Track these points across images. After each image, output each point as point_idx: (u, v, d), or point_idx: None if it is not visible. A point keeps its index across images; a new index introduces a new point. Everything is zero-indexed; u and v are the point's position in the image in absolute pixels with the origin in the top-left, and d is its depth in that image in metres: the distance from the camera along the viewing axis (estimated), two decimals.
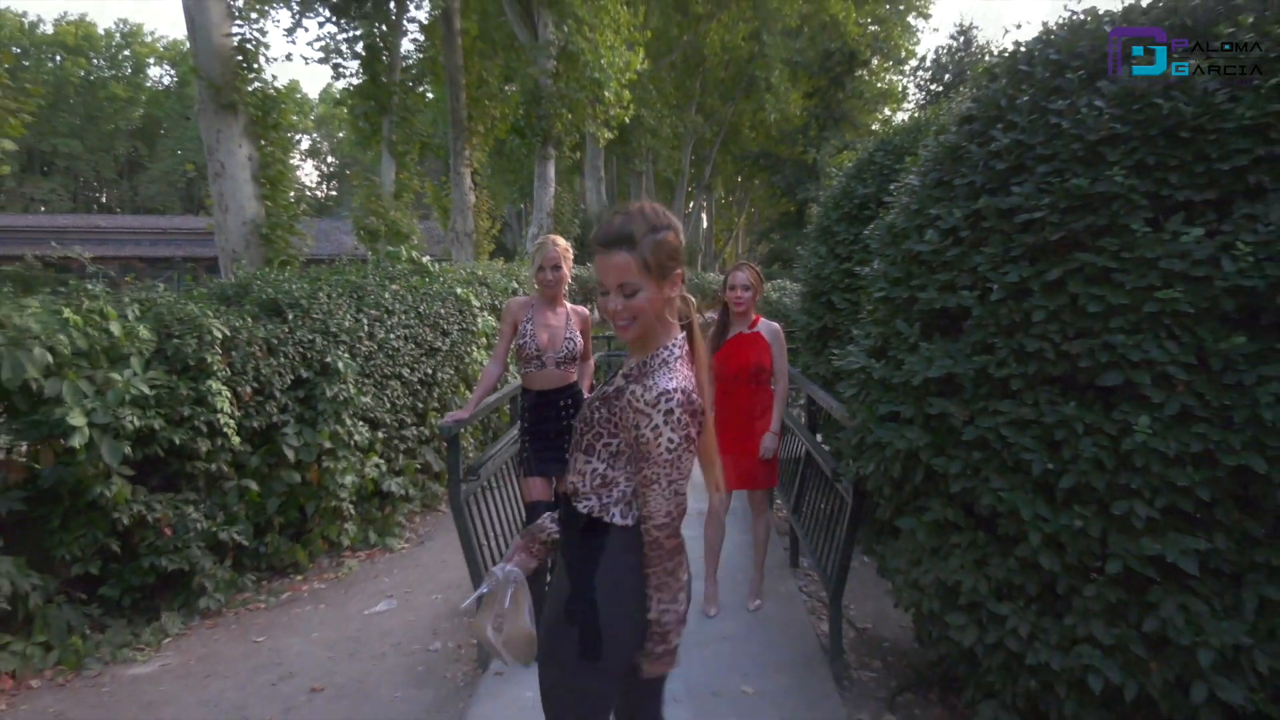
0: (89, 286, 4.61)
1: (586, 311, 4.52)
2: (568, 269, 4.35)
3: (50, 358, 4.05)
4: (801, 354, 6.86)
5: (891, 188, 3.97)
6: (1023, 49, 3.28)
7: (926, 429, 3.14)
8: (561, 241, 4.33)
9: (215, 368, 4.90)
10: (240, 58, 10.68)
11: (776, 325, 4.83)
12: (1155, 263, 2.55)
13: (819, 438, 5.26)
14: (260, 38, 10.95)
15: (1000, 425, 2.84)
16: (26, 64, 49.25)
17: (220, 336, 4.94)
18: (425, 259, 8.30)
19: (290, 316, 5.67)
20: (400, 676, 4.15)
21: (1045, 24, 3.28)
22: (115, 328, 4.41)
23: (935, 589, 3.21)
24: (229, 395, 4.98)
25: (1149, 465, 2.53)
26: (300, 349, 5.64)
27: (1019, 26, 17.85)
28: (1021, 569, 2.91)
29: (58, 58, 53.55)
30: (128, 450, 4.35)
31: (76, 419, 4.06)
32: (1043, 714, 3.06)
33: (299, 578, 5.66)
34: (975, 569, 3.02)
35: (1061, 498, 2.73)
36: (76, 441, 4.06)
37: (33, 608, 4.18)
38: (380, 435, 6.54)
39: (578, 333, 4.42)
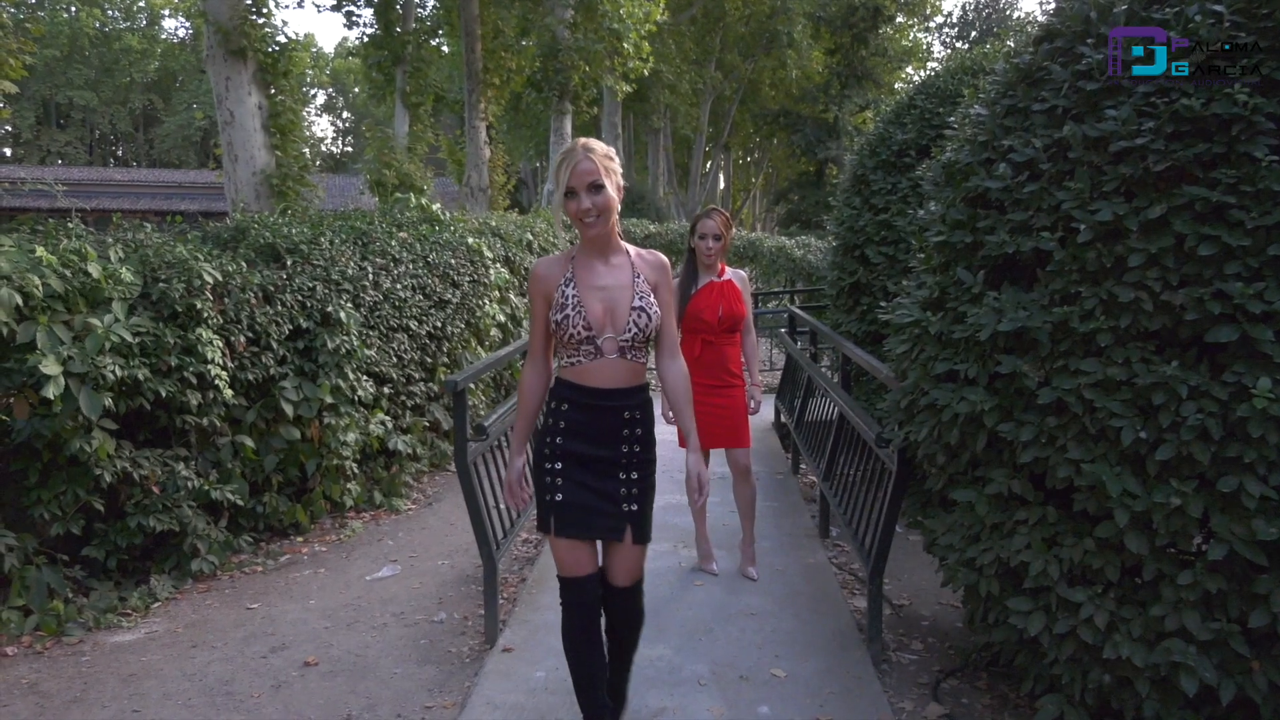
0: (68, 225, 4.27)
1: (664, 259, 2.81)
2: (615, 187, 2.61)
3: (20, 299, 3.72)
4: (832, 311, 6.47)
5: (950, 120, 3.55)
6: None
7: (992, 390, 2.77)
8: (599, 147, 2.60)
9: (206, 315, 4.55)
10: (249, 1, 10.26)
11: (743, 272, 4.69)
12: None
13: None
14: None
15: (1083, 387, 2.46)
16: (42, 14, 48.70)
17: (211, 281, 4.60)
18: (436, 207, 7.92)
19: (289, 263, 5.31)
20: (401, 649, 3.86)
21: None
22: (94, 269, 4.07)
23: (995, 569, 2.86)
24: (221, 345, 4.64)
25: (1267, 436, 2.16)
26: (300, 297, 5.29)
27: None
28: (1100, 551, 2.56)
29: (73, 9, 52.96)
30: (109, 402, 4.03)
31: (51, 367, 3.74)
32: (1115, 712, 2.73)
33: (299, 539, 5.37)
34: (1044, 549, 2.67)
35: (1155, 471, 2.37)
36: (51, 391, 3.74)
37: (9, 570, 3.89)
38: (386, 391, 6.22)
39: (652, 295, 2.69)
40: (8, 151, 54.51)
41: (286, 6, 50.81)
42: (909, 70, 34.95)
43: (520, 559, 5.01)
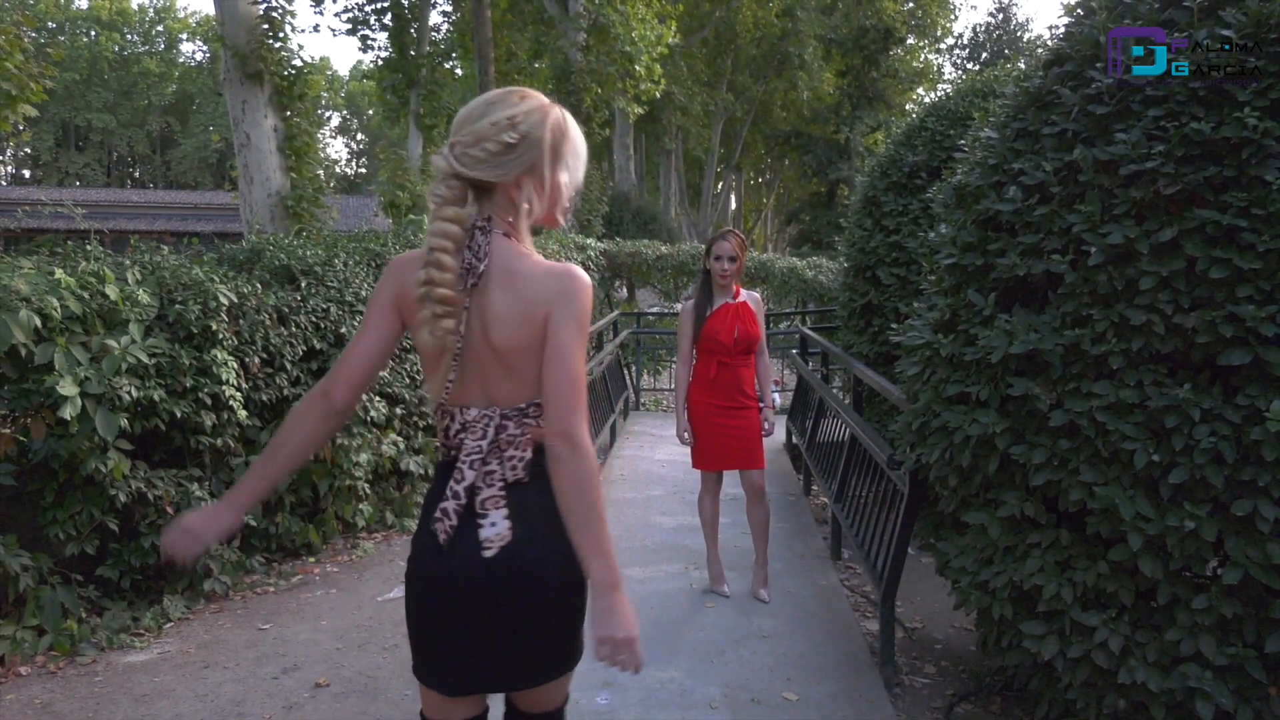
0: (87, 247, 4.32)
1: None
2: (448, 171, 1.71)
3: (39, 321, 3.76)
4: (843, 332, 6.47)
5: (961, 142, 3.57)
6: None
7: (1003, 413, 2.76)
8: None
9: (221, 336, 4.60)
10: (266, 26, 10.42)
11: (756, 294, 4.71)
12: None
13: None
14: (287, 5, 10.67)
15: (1095, 409, 2.46)
16: (63, 38, 49.44)
17: (227, 303, 4.64)
18: None
19: (304, 284, 5.36)
20: (411, 671, 3.84)
21: None
22: (112, 291, 4.12)
23: (1009, 592, 2.85)
24: (236, 366, 4.68)
25: None
26: (314, 318, 5.33)
27: None
28: (1114, 574, 2.54)
29: (93, 33, 53.76)
30: (125, 423, 4.06)
31: (68, 388, 3.77)
32: None
33: (311, 560, 5.38)
34: (1058, 572, 2.66)
35: (1169, 494, 2.36)
36: (68, 412, 3.77)
37: (24, 589, 3.90)
38: (399, 411, 6.24)
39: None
40: (27, 173, 55.24)
41: (302, 30, 51.57)
42: (920, 91, 35.10)
43: None
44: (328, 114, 62.56)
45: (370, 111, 55.84)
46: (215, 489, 4.74)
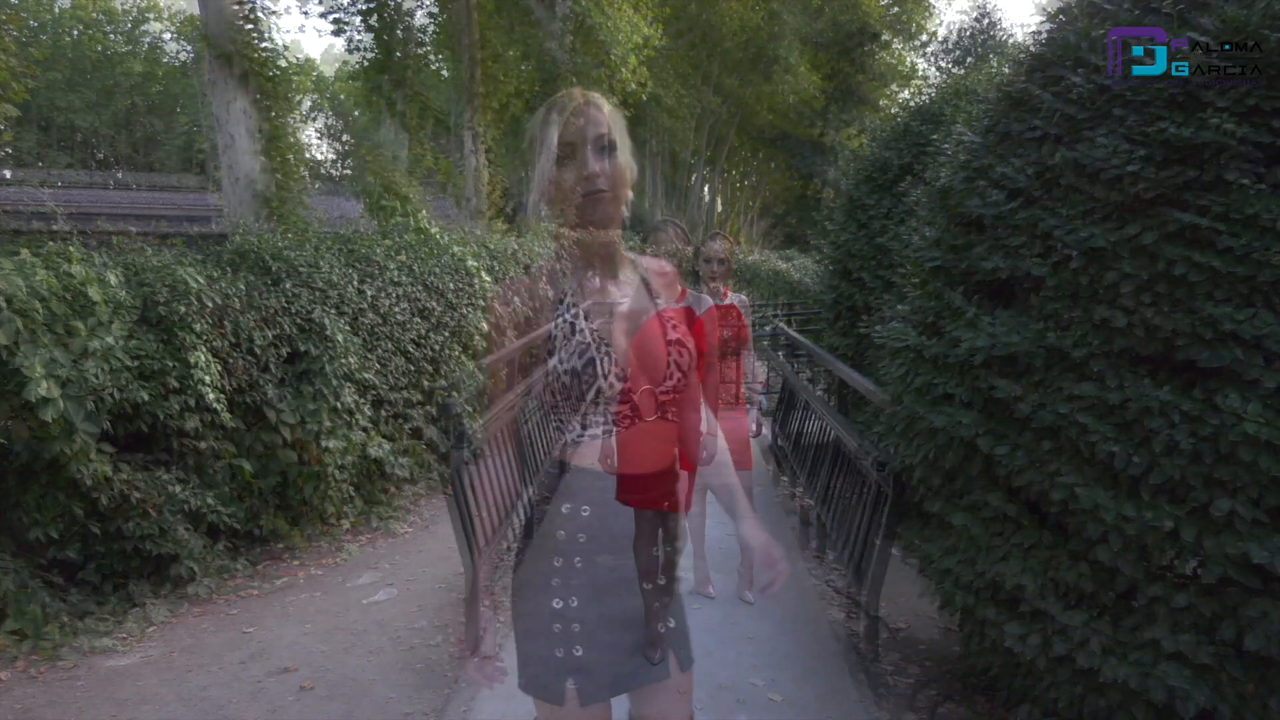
0: (69, 248, 4.29)
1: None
2: (627, 159, 1.69)
3: (20, 322, 3.73)
4: (828, 333, 6.50)
5: (944, 145, 3.59)
6: None
7: (985, 414, 2.78)
8: (607, 103, 1.68)
9: (205, 337, 4.57)
10: (250, 26, 10.37)
11: (744, 297, 4.73)
12: (1273, 224, 2.19)
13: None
14: (271, 4, 10.63)
15: (1075, 411, 2.48)
16: (44, 37, 48.98)
17: (210, 304, 4.62)
18: (434, 230, 7.97)
19: (288, 286, 5.34)
20: (397, 673, 3.84)
21: None
22: (94, 292, 4.09)
23: (989, 592, 2.87)
24: (219, 367, 4.66)
25: (1257, 460, 2.18)
26: (298, 320, 5.31)
27: None
28: (1094, 574, 2.56)
29: (75, 31, 53.27)
30: (107, 425, 4.04)
31: (48, 389, 3.74)
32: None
33: (295, 563, 5.35)
34: (1039, 571, 2.68)
35: (1148, 495, 2.38)
36: (49, 415, 3.74)
37: (4, 594, 3.88)
38: (384, 413, 6.23)
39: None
40: (8, 174, 54.74)
41: (287, 31, 51.46)
42: (904, 94, 35.19)
43: None
44: (314, 114, 62.23)
45: (356, 113, 55.60)
46: (198, 490, 4.71)
